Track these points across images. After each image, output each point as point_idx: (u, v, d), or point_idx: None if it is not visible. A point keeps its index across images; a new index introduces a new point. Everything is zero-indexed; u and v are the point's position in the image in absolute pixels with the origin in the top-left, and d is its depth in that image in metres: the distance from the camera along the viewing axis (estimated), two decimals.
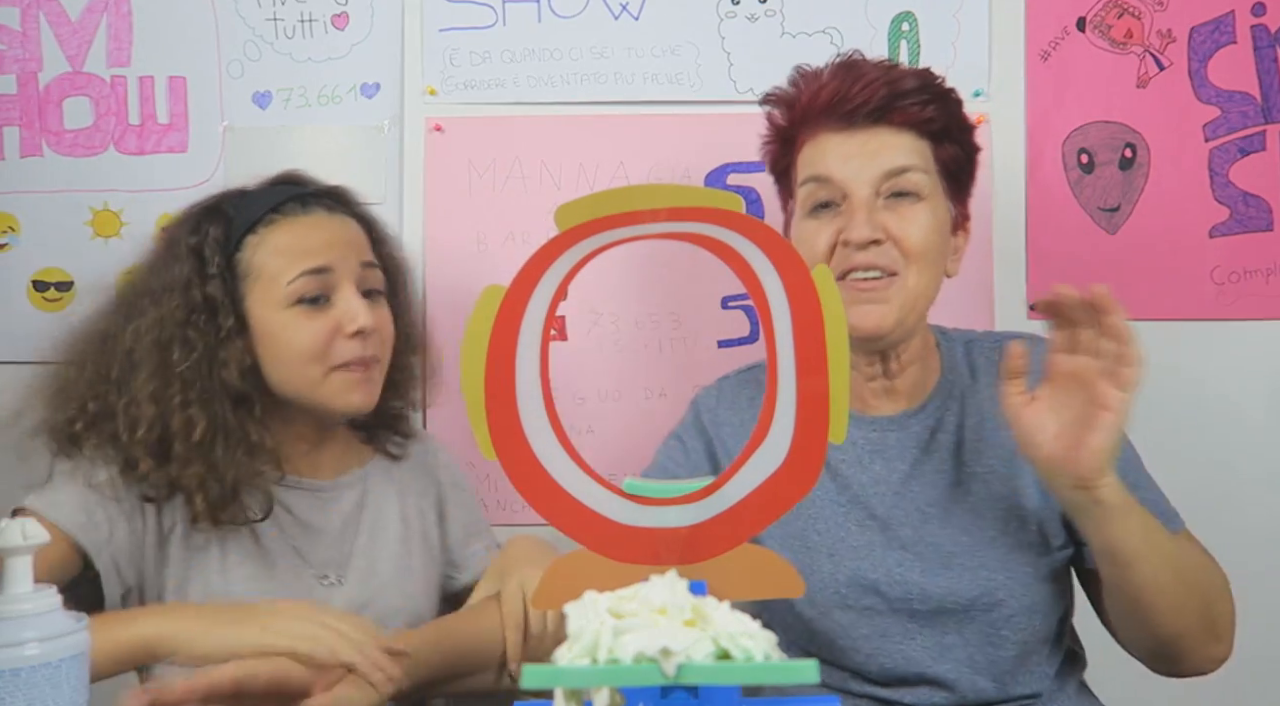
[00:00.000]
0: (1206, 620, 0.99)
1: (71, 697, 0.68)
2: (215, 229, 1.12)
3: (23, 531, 0.69)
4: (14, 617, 0.67)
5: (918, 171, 1.06)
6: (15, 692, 0.65)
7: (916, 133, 1.07)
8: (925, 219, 1.06)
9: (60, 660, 0.67)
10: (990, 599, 1.04)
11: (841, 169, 1.06)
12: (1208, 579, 1.01)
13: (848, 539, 1.09)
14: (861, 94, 1.06)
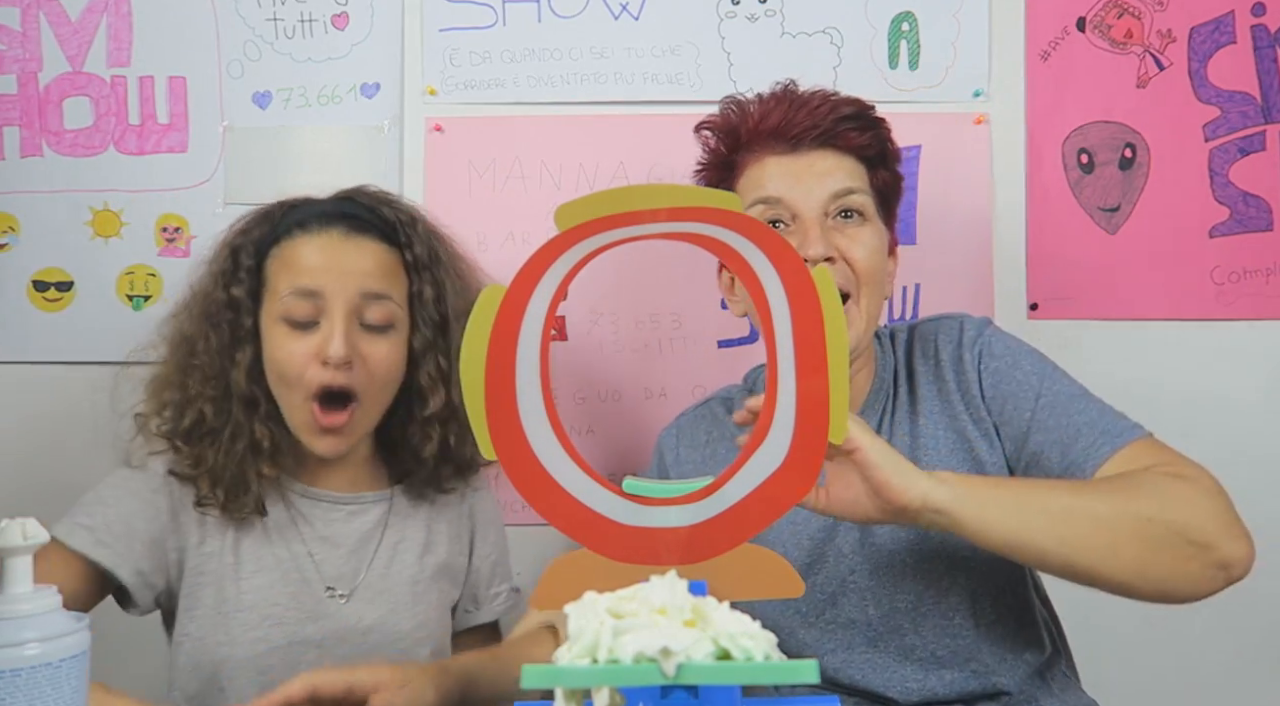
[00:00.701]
0: (1168, 546, 0.91)
1: (71, 697, 0.67)
2: (258, 231, 1.15)
3: (23, 531, 0.69)
4: (14, 617, 0.67)
5: (861, 193, 1.09)
6: (15, 692, 0.65)
7: (855, 157, 1.11)
8: (871, 239, 1.09)
9: (60, 660, 0.67)
10: (937, 590, 1.06)
11: (791, 189, 1.08)
12: (1149, 505, 0.92)
13: (800, 556, 1.10)
14: (808, 118, 1.09)
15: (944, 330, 1.14)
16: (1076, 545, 0.90)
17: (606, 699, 0.51)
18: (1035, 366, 1.07)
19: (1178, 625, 1.49)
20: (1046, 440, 1.02)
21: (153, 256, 1.49)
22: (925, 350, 1.14)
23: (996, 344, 1.10)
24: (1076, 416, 1.02)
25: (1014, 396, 1.06)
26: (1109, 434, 1.00)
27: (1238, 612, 1.48)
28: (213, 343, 1.12)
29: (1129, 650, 1.47)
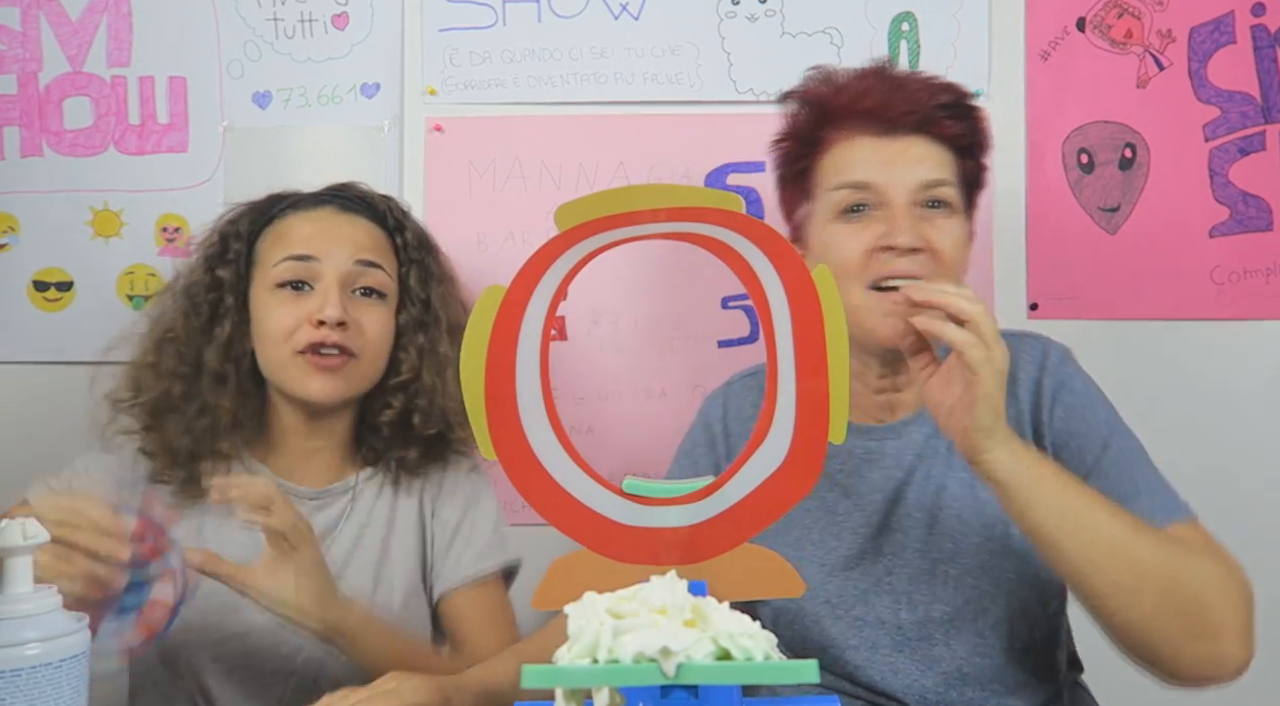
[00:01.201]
0: (1183, 615, 0.91)
1: (71, 697, 0.67)
2: (246, 221, 1.19)
3: (23, 531, 0.69)
4: (14, 617, 0.67)
5: (950, 186, 1.06)
6: (15, 692, 0.65)
7: (948, 146, 1.07)
8: (956, 231, 1.06)
9: (60, 660, 0.67)
10: (977, 607, 1.04)
11: (883, 175, 1.05)
12: (1186, 572, 0.91)
13: (839, 548, 1.09)
14: (905, 103, 1.05)
15: (1026, 350, 1.09)
16: (1104, 572, 0.90)
17: (606, 699, 0.51)
18: (1108, 415, 1.05)
19: None
20: (1104, 489, 0.98)
21: (153, 256, 1.49)
22: (1021, 366, 1.09)
23: (1076, 380, 1.07)
24: (1139, 478, 1.00)
25: (1082, 437, 1.03)
26: (1165, 507, 0.99)
27: None
28: (192, 322, 1.16)
29: None
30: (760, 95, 1.48)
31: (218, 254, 1.18)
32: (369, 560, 1.18)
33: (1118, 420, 1.05)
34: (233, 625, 1.12)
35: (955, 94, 1.09)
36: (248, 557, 1.12)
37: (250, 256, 1.18)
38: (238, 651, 1.12)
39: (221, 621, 1.12)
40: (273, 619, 1.01)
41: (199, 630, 1.11)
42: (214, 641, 1.11)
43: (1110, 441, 1.02)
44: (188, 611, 1.08)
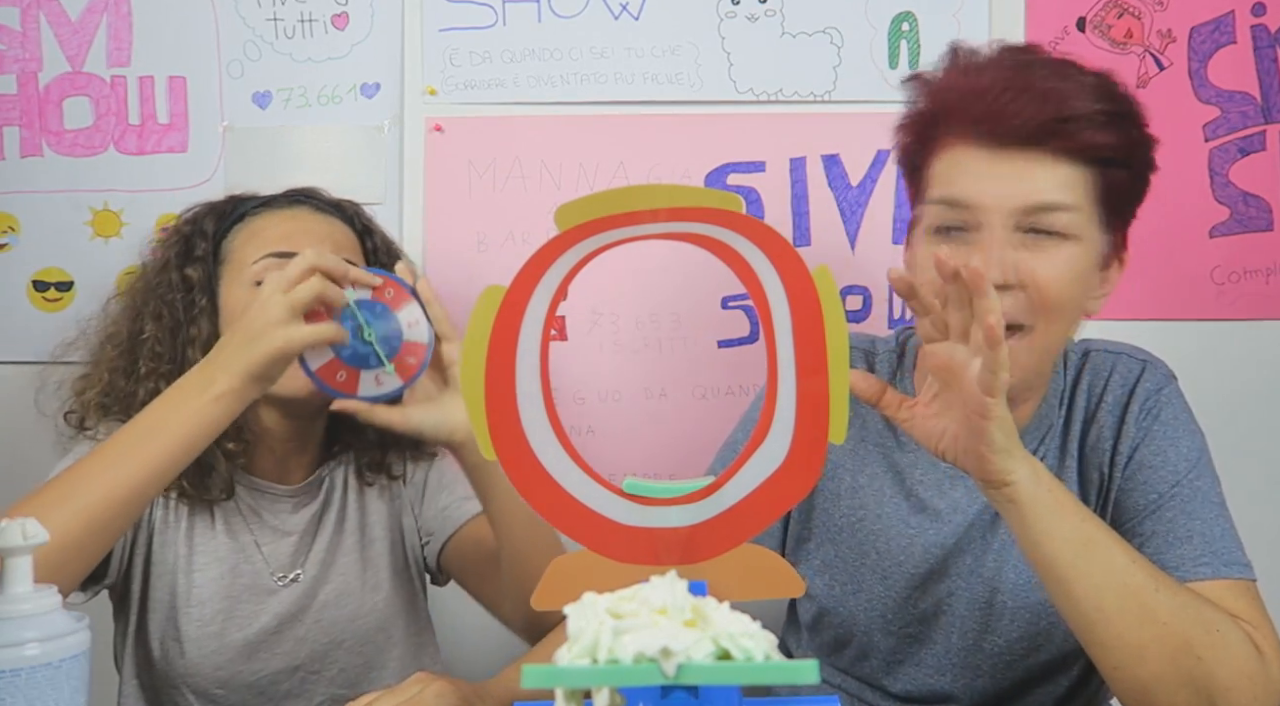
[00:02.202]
0: (1189, 687, 0.82)
1: (71, 697, 0.67)
2: (210, 220, 1.18)
3: (23, 531, 0.69)
4: (14, 617, 0.67)
5: (1067, 211, 0.91)
6: (15, 692, 0.65)
7: (1079, 161, 0.92)
8: (1069, 264, 0.92)
9: (60, 660, 0.67)
10: (1033, 643, 1.01)
11: (980, 194, 0.92)
12: (1204, 640, 0.82)
13: (906, 564, 1.05)
14: (1022, 114, 0.90)
15: (1121, 369, 1.02)
16: (1112, 623, 0.82)
17: (606, 699, 0.51)
18: (1191, 451, 0.97)
19: None
20: (1158, 529, 0.93)
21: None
22: (1094, 384, 1.03)
23: (1168, 409, 0.99)
24: (1200, 522, 0.92)
25: (1156, 469, 0.96)
26: (1219, 558, 0.90)
27: None
28: (164, 322, 1.13)
29: None
30: (760, 95, 1.48)
31: (182, 253, 1.16)
32: (353, 547, 1.20)
33: (1202, 459, 0.97)
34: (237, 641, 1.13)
35: (1098, 96, 0.92)
36: (234, 564, 1.13)
37: (217, 255, 1.16)
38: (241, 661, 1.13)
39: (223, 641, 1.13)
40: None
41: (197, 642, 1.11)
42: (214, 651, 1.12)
43: (1184, 479, 0.95)
44: (189, 626, 1.09)
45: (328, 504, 1.21)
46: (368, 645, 1.18)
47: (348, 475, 1.23)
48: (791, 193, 1.49)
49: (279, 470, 1.18)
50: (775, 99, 1.48)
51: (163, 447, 0.93)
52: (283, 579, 1.16)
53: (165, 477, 0.94)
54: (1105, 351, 1.05)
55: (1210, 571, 0.90)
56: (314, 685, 1.16)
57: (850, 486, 1.09)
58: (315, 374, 1.01)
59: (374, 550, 1.21)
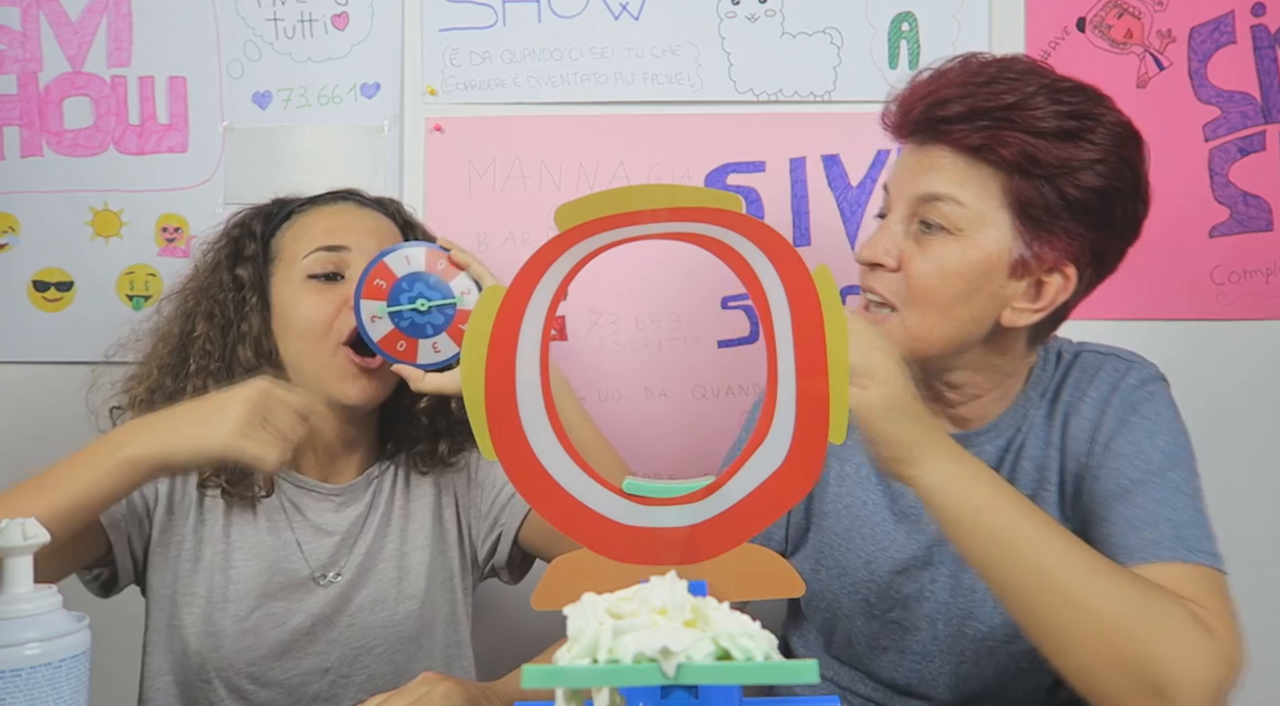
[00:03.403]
0: (1128, 672, 0.82)
1: (71, 697, 0.68)
2: (258, 221, 1.20)
3: (23, 531, 0.69)
4: (14, 617, 0.67)
5: (953, 204, 0.95)
6: (15, 692, 0.65)
7: (981, 161, 0.95)
8: (943, 257, 0.96)
9: (60, 660, 0.67)
10: (1013, 630, 1.00)
11: (892, 181, 1.01)
12: (1145, 625, 0.83)
13: (890, 549, 1.07)
14: (914, 106, 0.98)
15: (1108, 369, 1.04)
16: (1041, 614, 0.84)
17: (607, 699, 0.51)
18: (1170, 447, 0.97)
19: None
20: (1127, 514, 0.93)
21: (153, 256, 1.49)
22: (1081, 380, 1.04)
23: (1149, 405, 1.00)
24: (1169, 510, 0.93)
25: (1126, 459, 0.97)
26: (1183, 543, 0.90)
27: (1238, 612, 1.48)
28: (215, 320, 1.14)
29: None
30: (760, 95, 1.48)
31: (232, 254, 1.18)
32: (393, 551, 1.19)
33: (1182, 457, 0.97)
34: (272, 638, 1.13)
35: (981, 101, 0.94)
36: (274, 561, 1.13)
37: (267, 254, 1.18)
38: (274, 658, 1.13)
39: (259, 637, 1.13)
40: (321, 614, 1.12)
41: (234, 637, 1.12)
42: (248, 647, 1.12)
43: (1159, 471, 0.95)
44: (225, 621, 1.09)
45: (373, 506, 1.20)
46: (398, 653, 1.17)
47: (396, 478, 1.22)
48: (791, 193, 1.49)
49: (327, 469, 1.19)
50: (775, 99, 1.48)
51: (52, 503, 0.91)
52: (321, 579, 1.15)
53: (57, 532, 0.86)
54: (1097, 352, 1.07)
55: (1171, 554, 0.90)
56: (344, 689, 1.15)
57: (837, 474, 1.11)
58: (377, 343, 1.10)
59: (413, 559, 1.20)
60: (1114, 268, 1.03)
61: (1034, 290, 0.98)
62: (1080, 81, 0.99)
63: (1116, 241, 1.00)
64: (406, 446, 1.23)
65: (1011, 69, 0.97)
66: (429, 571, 1.20)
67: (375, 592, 1.17)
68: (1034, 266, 0.97)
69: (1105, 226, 0.97)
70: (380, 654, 1.16)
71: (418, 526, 1.21)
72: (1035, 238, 0.96)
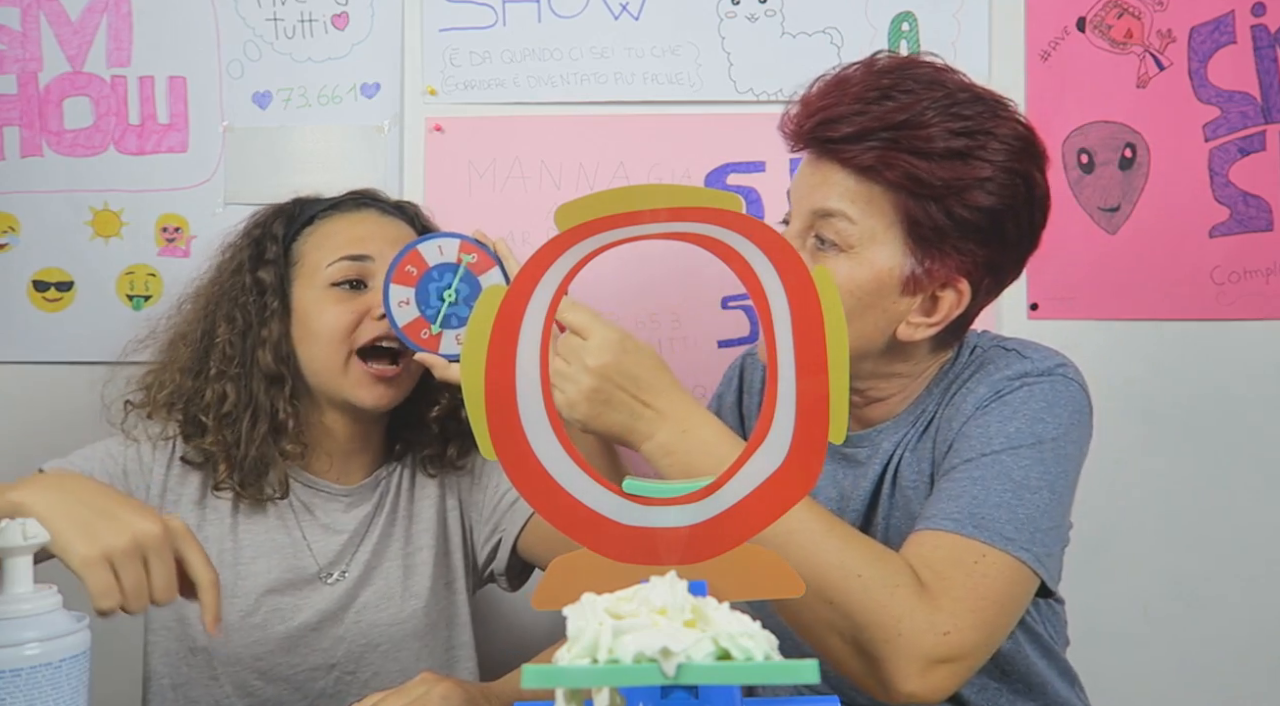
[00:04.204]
0: (819, 619, 0.85)
1: (71, 697, 0.68)
2: (279, 224, 1.19)
3: (23, 531, 0.69)
4: (14, 617, 0.67)
5: (844, 219, 0.95)
6: (15, 692, 0.65)
7: (870, 179, 0.95)
8: (835, 274, 0.90)
9: (60, 660, 0.67)
10: None
11: (793, 192, 1.01)
12: (829, 575, 0.84)
13: None
14: (806, 121, 0.97)
15: (999, 360, 1.02)
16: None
17: (607, 699, 0.51)
18: (1018, 434, 0.94)
19: (1178, 625, 1.49)
20: (944, 486, 0.93)
21: (153, 256, 1.49)
22: (971, 372, 1.04)
23: (1019, 395, 0.97)
24: (979, 489, 0.91)
25: (971, 438, 0.96)
26: (971, 519, 0.89)
27: (1238, 612, 1.49)
28: (236, 324, 1.14)
29: (1129, 650, 1.47)
30: (760, 95, 1.48)
31: (254, 256, 1.17)
32: (397, 552, 1.20)
33: (1030, 443, 0.94)
34: (279, 633, 1.14)
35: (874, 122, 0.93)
36: (283, 558, 1.15)
37: (288, 258, 1.18)
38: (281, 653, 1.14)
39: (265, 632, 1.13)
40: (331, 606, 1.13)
41: (242, 631, 1.12)
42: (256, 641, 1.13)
43: (993, 454, 0.93)
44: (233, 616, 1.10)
45: (380, 506, 1.21)
46: (403, 651, 1.18)
47: (403, 479, 1.23)
48: None
49: (338, 470, 1.20)
50: (775, 99, 1.48)
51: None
52: (327, 577, 1.16)
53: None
54: (1002, 347, 1.05)
55: (952, 526, 0.89)
56: (348, 686, 1.16)
57: None
58: (402, 330, 1.11)
59: (417, 559, 1.21)
60: (1014, 276, 1.03)
61: (929, 304, 0.98)
62: (982, 91, 0.98)
63: (1011, 254, 0.99)
64: (415, 449, 1.24)
65: (911, 78, 0.96)
66: (433, 571, 1.21)
67: (382, 590, 1.18)
68: (926, 283, 0.96)
69: (997, 242, 0.96)
70: (385, 651, 1.17)
71: (422, 527, 1.22)
72: (926, 255, 0.95)
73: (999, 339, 1.09)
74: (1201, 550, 1.49)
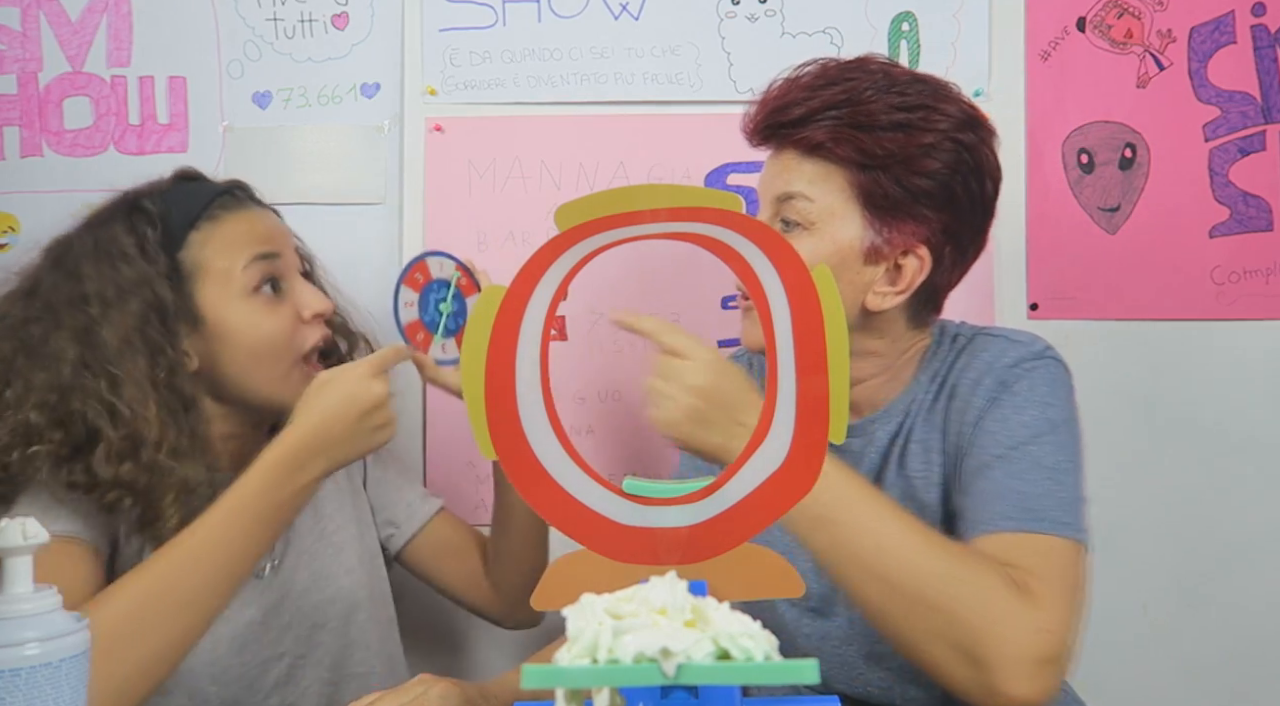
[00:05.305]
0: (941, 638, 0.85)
1: (71, 697, 0.67)
2: (151, 229, 1.08)
3: (23, 531, 0.69)
4: (14, 617, 0.67)
5: (803, 200, 1.02)
6: (15, 692, 0.65)
7: (821, 158, 1.02)
8: (801, 251, 0.97)
9: (60, 660, 0.67)
10: None
11: (759, 187, 1.08)
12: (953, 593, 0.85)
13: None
14: (760, 114, 1.06)
15: (990, 348, 1.05)
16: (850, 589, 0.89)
17: (607, 699, 0.51)
18: (1035, 422, 0.98)
19: (1178, 625, 1.49)
20: (984, 488, 0.95)
21: None
22: (968, 363, 1.06)
23: (1024, 382, 1.01)
24: (1021, 483, 0.94)
25: (992, 435, 0.98)
26: (1029, 514, 0.92)
27: (1238, 612, 1.48)
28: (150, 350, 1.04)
29: (1128, 650, 1.47)
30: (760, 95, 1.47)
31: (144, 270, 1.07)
32: (308, 530, 1.19)
33: (1049, 430, 0.98)
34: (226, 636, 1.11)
35: (824, 102, 1.01)
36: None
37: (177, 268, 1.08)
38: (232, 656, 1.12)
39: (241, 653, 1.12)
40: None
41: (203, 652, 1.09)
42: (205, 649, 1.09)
43: (1020, 445, 0.96)
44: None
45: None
46: (350, 626, 1.18)
47: None
48: None
49: (241, 463, 1.10)
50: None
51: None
52: (261, 571, 1.14)
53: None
54: (991, 335, 1.09)
55: (1014, 525, 0.91)
56: (301, 670, 1.15)
57: None
58: (403, 328, 1.19)
59: (341, 536, 1.21)
60: (976, 245, 1.08)
61: (893, 274, 1.04)
62: (925, 76, 1.05)
63: (967, 219, 1.05)
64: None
65: (861, 69, 1.03)
66: (360, 546, 1.22)
67: (316, 571, 1.17)
68: (887, 252, 1.02)
69: (949, 207, 1.02)
70: (333, 629, 1.17)
71: (333, 507, 1.22)
72: (884, 225, 1.01)
73: (975, 327, 1.12)
74: (1201, 550, 1.49)
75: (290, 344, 1.11)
